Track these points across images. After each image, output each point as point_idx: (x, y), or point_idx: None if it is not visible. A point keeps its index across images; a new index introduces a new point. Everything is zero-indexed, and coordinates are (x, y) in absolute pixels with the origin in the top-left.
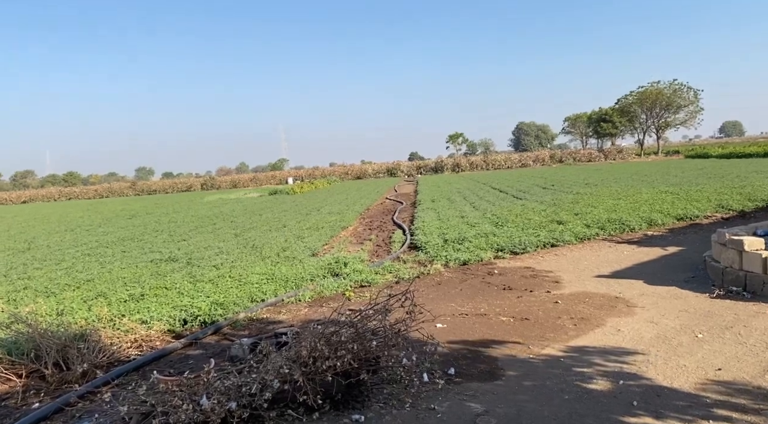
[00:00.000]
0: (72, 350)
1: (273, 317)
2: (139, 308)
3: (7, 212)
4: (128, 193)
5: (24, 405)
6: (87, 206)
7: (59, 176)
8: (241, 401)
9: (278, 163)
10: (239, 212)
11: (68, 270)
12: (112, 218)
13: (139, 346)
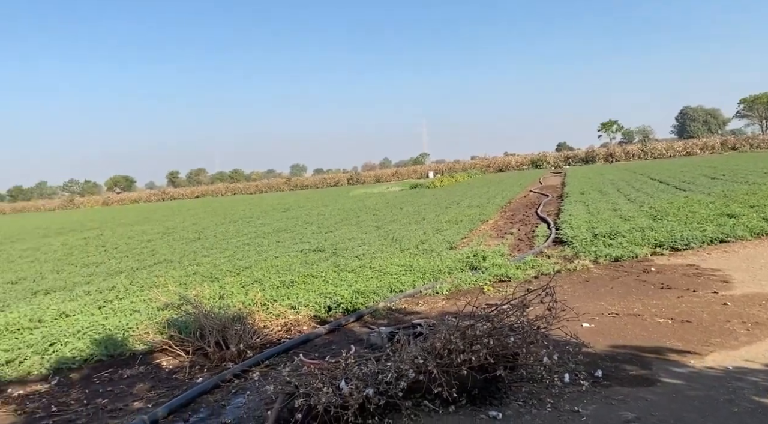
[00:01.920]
0: (230, 330)
1: (410, 308)
2: (289, 294)
3: (183, 206)
4: (284, 188)
5: (191, 378)
6: (248, 200)
7: (226, 173)
8: (378, 388)
9: (419, 157)
10: (381, 205)
11: (230, 258)
12: (269, 211)
13: (288, 329)
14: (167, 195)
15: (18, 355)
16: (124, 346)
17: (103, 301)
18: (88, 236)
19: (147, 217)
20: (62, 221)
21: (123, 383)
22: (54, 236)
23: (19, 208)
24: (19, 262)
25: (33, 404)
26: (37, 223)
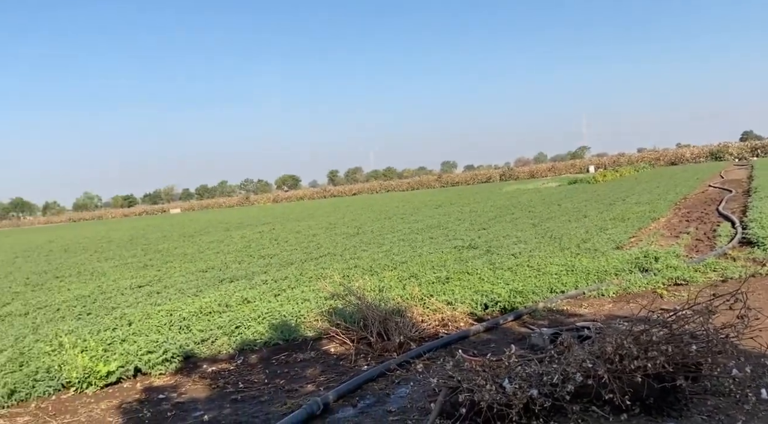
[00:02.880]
0: (390, 322)
1: (573, 310)
2: (445, 289)
3: (342, 203)
4: (434, 185)
5: (356, 366)
6: (401, 197)
7: (380, 171)
8: (543, 390)
9: (578, 151)
10: (537, 201)
11: (387, 253)
12: (421, 207)
13: (445, 324)
14: (328, 193)
15: (210, 335)
16: (297, 332)
17: (278, 289)
18: (262, 230)
19: (311, 213)
20: (240, 216)
21: (297, 366)
22: (234, 230)
23: (205, 205)
24: (208, 252)
25: (223, 379)
26: (220, 218)
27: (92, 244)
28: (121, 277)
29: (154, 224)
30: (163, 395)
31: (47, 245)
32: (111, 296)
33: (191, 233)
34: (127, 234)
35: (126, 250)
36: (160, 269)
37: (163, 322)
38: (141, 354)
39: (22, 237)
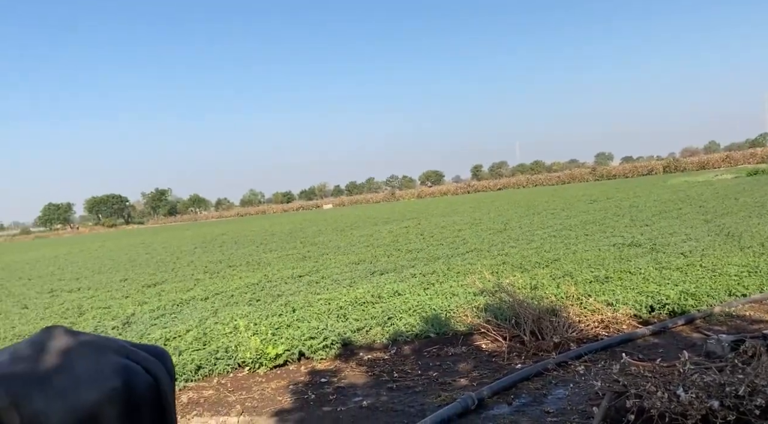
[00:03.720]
0: (545, 321)
1: (758, 316)
2: (604, 289)
3: (486, 198)
4: (588, 178)
5: (508, 364)
6: (550, 192)
7: (527, 165)
8: (725, 402)
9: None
10: (708, 195)
11: (537, 250)
12: (573, 202)
13: (606, 326)
14: (471, 188)
15: (365, 325)
16: (447, 326)
17: (426, 283)
18: (408, 226)
19: (455, 208)
20: (386, 211)
21: (448, 359)
22: (381, 225)
23: (354, 200)
24: (358, 246)
25: (378, 368)
26: (368, 213)
27: (257, 236)
28: (283, 267)
29: (310, 218)
30: (325, 379)
31: (220, 237)
32: (276, 285)
33: (342, 228)
34: (287, 228)
35: (286, 242)
36: (317, 260)
37: (322, 310)
38: (304, 339)
39: (199, 230)
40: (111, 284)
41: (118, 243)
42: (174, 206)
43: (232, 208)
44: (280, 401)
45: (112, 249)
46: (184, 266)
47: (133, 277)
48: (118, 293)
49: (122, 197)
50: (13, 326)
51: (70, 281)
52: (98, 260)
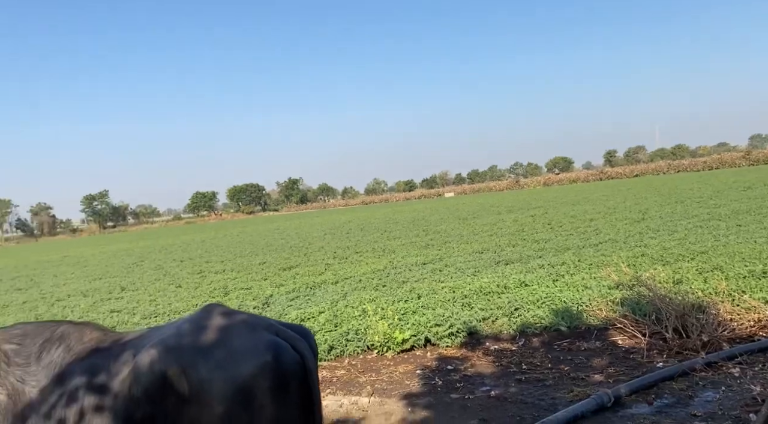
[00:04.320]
0: (690, 318)
1: None
2: (761, 285)
3: (621, 185)
4: (740, 163)
5: (648, 362)
6: (696, 178)
7: (667, 150)
8: None
9: None
10: None
11: (681, 241)
12: (723, 190)
13: (763, 326)
14: (605, 175)
15: (491, 314)
16: (579, 319)
17: (555, 274)
18: (534, 214)
19: (586, 196)
20: (510, 200)
21: (581, 354)
22: (505, 214)
23: (476, 188)
24: (481, 235)
25: (506, 359)
26: (491, 201)
27: (382, 224)
28: (407, 254)
29: (431, 206)
30: (452, 366)
31: (347, 224)
32: (401, 271)
33: (465, 216)
34: (409, 216)
35: (409, 230)
36: (440, 248)
37: (447, 298)
38: (430, 326)
39: (328, 217)
40: (251, 266)
41: (256, 229)
42: (305, 194)
43: (357, 197)
44: (408, 385)
45: (251, 234)
46: (315, 251)
47: (270, 260)
48: (257, 275)
49: (259, 186)
50: (170, 303)
51: (216, 263)
52: (239, 245)
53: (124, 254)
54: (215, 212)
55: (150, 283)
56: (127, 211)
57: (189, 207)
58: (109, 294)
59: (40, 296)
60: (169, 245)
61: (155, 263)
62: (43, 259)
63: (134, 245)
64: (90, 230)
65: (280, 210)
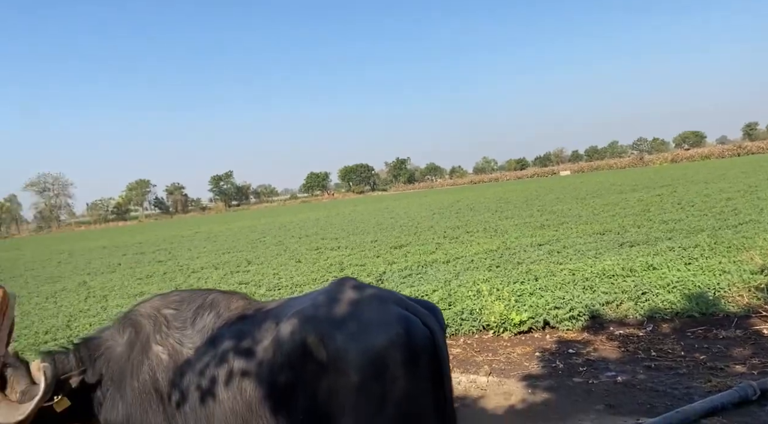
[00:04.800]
0: None
1: None
2: None
3: (763, 162)
4: None
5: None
6: None
7: None
8: None
9: None
10: None
11: None
12: None
13: None
14: (743, 150)
15: (614, 298)
16: (715, 306)
17: (687, 258)
18: (662, 193)
19: (721, 174)
20: (633, 178)
21: (719, 343)
22: (628, 193)
23: (594, 166)
24: (602, 215)
25: (633, 344)
26: (611, 180)
27: (492, 204)
28: (521, 235)
29: (545, 185)
30: (573, 349)
31: (456, 204)
32: (515, 252)
33: (583, 196)
34: (522, 195)
35: (522, 210)
36: (557, 229)
37: (566, 280)
38: (549, 309)
39: (435, 197)
40: (364, 244)
41: (366, 208)
42: (412, 174)
43: (465, 176)
44: (527, 367)
45: (362, 213)
46: (425, 230)
47: (381, 239)
48: (370, 253)
49: (369, 166)
50: (291, 277)
51: (331, 240)
52: (351, 223)
53: (247, 230)
54: (328, 192)
55: (272, 258)
56: (249, 190)
57: (304, 187)
58: (237, 267)
59: (178, 268)
60: (287, 222)
61: (276, 239)
62: (177, 234)
63: (256, 223)
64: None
65: (388, 190)
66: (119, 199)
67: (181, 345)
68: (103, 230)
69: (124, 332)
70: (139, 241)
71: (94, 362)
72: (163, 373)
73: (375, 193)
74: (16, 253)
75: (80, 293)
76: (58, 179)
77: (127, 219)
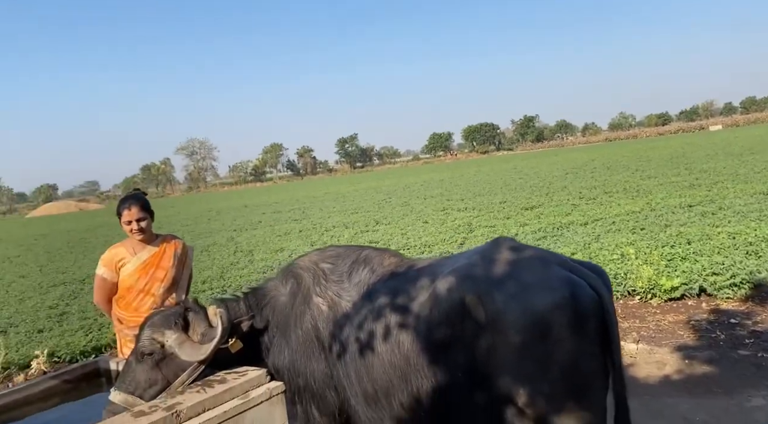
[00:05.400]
0: None
1: None
2: None
3: None
4: None
5: None
6: None
7: None
8: None
9: None
10: None
11: None
12: None
13: None
14: None
15: None
16: None
17: None
18: None
19: None
20: None
21: None
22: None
23: (752, 119)
24: (765, 173)
25: None
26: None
27: (631, 162)
28: (667, 196)
29: (692, 141)
30: (735, 320)
31: (590, 163)
32: (661, 214)
33: (739, 152)
34: (665, 153)
35: (667, 169)
36: (710, 189)
37: (725, 244)
38: (705, 275)
39: (567, 156)
40: (491, 205)
41: (492, 168)
42: (541, 133)
43: (599, 134)
44: (681, 336)
45: (487, 173)
46: (558, 191)
47: (510, 200)
48: (499, 214)
49: (494, 125)
50: (419, 237)
51: (457, 201)
52: (477, 184)
53: (373, 191)
54: (450, 152)
55: (399, 218)
56: (372, 152)
57: (426, 148)
58: (366, 227)
59: (312, 226)
60: (410, 183)
61: (401, 199)
62: (309, 195)
63: (380, 183)
64: (343, 169)
65: (514, 149)
66: (256, 162)
67: (339, 298)
68: (243, 191)
69: (286, 283)
70: (275, 201)
71: (261, 309)
72: (323, 323)
73: (500, 153)
74: (172, 211)
75: (229, 248)
76: (204, 144)
77: (263, 180)
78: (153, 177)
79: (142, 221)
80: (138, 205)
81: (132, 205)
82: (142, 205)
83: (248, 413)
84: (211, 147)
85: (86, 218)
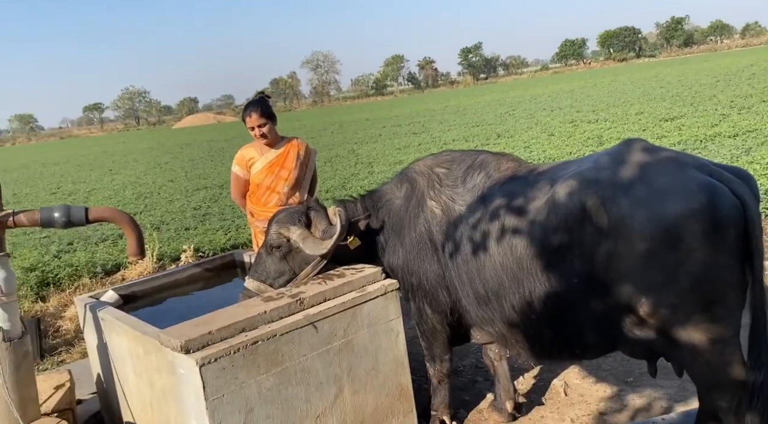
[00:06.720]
0: None
1: None
2: None
3: None
4: None
5: None
6: None
7: None
8: None
9: None
10: None
11: None
12: None
13: None
14: None
15: None
16: None
17: None
18: None
19: None
20: None
21: None
22: None
23: None
24: None
25: None
26: None
27: None
28: None
29: None
30: None
31: (748, 68)
32: None
33: None
34: None
35: None
36: None
37: None
38: None
39: (720, 61)
40: (626, 116)
41: (630, 77)
42: (690, 36)
43: (762, 35)
44: None
45: (624, 82)
46: (705, 100)
47: (648, 111)
48: (634, 126)
49: (635, 29)
50: (543, 150)
51: (588, 113)
52: (611, 94)
53: (496, 103)
54: (584, 61)
55: (523, 131)
56: (497, 62)
57: (557, 56)
58: (487, 140)
59: (431, 140)
60: (537, 94)
61: (526, 112)
62: (429, 108)
63: (505, 96)
64: (465, 81)
65: (657, 56)
66: (377, 75)
67: (453, 202)
68: (365, 105)
69: (401, 187)
70: (395, 114)
71: (377, 211)
72: (436, 226)
73: (641, 60)
74: (298, 123)
75: (350, 159)
76: (327, 56)
77: (384, 94)
78: (281, 91)
79: (263, 127)
80: (258, 112)
81: (252, 111)
82: (262, 112)
83: (365, 306)
84: (334, 60)
85: (224, 129)
